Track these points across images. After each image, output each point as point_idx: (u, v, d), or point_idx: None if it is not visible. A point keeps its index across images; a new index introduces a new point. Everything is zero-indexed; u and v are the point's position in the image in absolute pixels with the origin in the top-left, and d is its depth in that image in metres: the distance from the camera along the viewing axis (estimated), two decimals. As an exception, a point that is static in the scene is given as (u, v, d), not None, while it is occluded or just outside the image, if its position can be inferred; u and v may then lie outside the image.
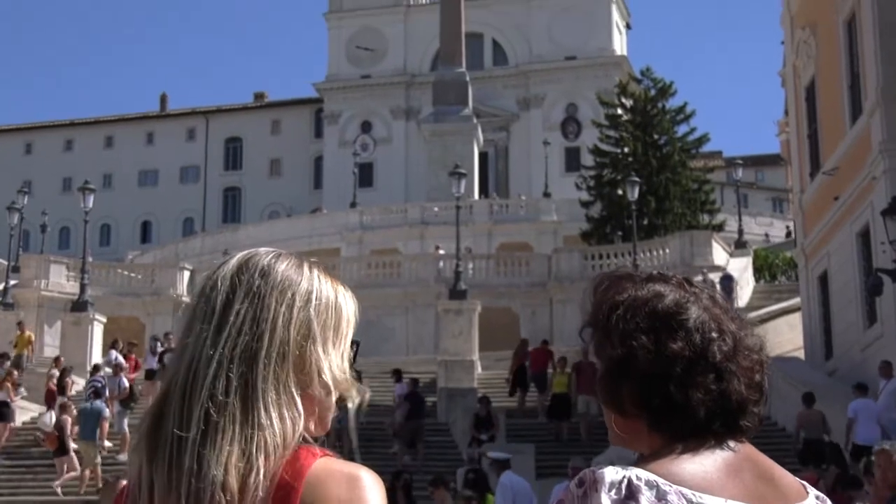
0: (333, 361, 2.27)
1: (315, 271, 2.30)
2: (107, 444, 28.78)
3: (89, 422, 27.78)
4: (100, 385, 30.41)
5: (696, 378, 2.27)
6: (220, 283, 2.25)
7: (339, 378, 2.27)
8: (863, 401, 24.76)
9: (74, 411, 28.76)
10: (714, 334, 2.31)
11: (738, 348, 2.32)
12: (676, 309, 2.32)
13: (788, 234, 72.31)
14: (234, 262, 2.29)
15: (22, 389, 33.46)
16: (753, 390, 2.32)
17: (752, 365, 2.33)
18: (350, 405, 2.31)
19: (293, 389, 2.20)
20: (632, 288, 2.37)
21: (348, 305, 2.32)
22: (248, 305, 2.21)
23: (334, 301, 2.29)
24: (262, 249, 2.32)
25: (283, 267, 2.27)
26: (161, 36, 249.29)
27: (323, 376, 2.24)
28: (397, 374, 33.67)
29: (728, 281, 43.68)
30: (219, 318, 2.21)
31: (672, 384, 2.26)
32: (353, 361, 2.33)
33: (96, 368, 33.07)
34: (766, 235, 75.60)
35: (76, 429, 28.25)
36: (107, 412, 28.56)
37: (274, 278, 2.25)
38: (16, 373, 33.32)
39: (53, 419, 31.01)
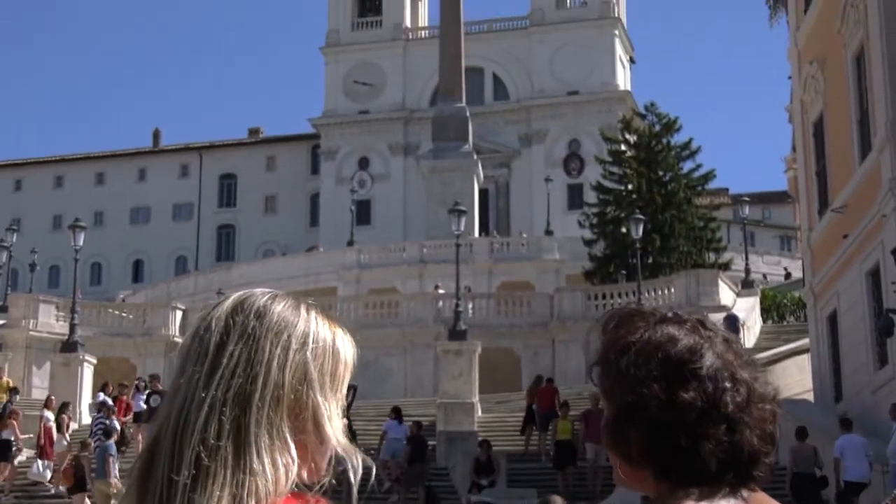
0: (332, 410, 2.25)
1: (313, 313, 2.28)
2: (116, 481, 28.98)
3: (100, 460, 28.21)
4: (107, 423, 30.63)
5: (707, 429, 2.23)
6: (214, 324, 2.23)
7: (340, 433, 2.25)
8: (848, 437, 24.96)
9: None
10: (727, 384, 2.26)
11: (752, 398, 2.28)
12: (690, 356, 2.27)
13: (787, 276, 72.06)
14: (229, 302, 2.27)
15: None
16: (765, 442, 2.28)
17: (764, 416, 2.29)
18: (350, 476, 2.28)
19: (287, 435, 2.18)
20: (644, 328, 2.33)
21: (347, 349, 2.30)
22: (243, 347, 2.19)
23: (332, 344, 2.27)
24: (259, 290, 2.30)
25: (280, 308, 2.25)
26: (154, 70, 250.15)
27: (322, 428, 2.22)
28: (396, 412, 33.54)
29: (733, 321, 43.60)
30: (212, 359, 2.18)
31: (682, 434, 2.23)
32: (350, 406, 2.31)
33: (104, 405, 33.22)
34: (764, 276, 75.26)
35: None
36: (113, 449, 28.77)
37: (270, 320, 2.22)
38: (21, 412, 33.36)
39: (42, 468, 31.14)
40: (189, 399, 2.17)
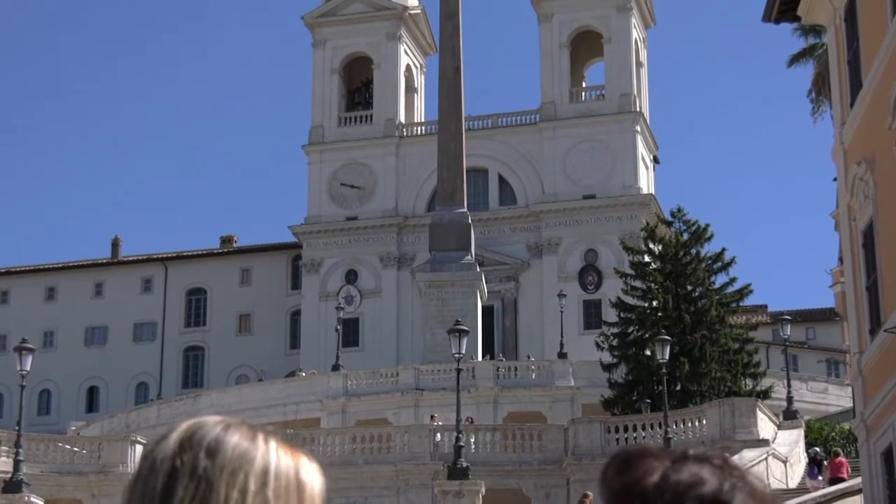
0: None
1: (272, 443, 2.24)
2: None
3: None
4: None
5: None
6: (159, 465, 2.18)
7: None
8: None
9: None
10: None
11: None
12: (724, 497, 2.23)
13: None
14: (175, 437, 2.22)
15: None
16: None
17: None
18: None
19: None
20: (660, 468, 2.29)
21: (313, 480, 2.26)
22: (194, 491, 2.14)
23: (295, 478, 2.23)
24: (210, 419, 2.26)
25: (235, 441, 2.21)
26: (114, 171, 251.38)
27: None
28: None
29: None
30: None
31: None
32: None
33: None
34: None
35: None
36: None
37: (223, 457, 2.18)
38: None
39: None
40: None
